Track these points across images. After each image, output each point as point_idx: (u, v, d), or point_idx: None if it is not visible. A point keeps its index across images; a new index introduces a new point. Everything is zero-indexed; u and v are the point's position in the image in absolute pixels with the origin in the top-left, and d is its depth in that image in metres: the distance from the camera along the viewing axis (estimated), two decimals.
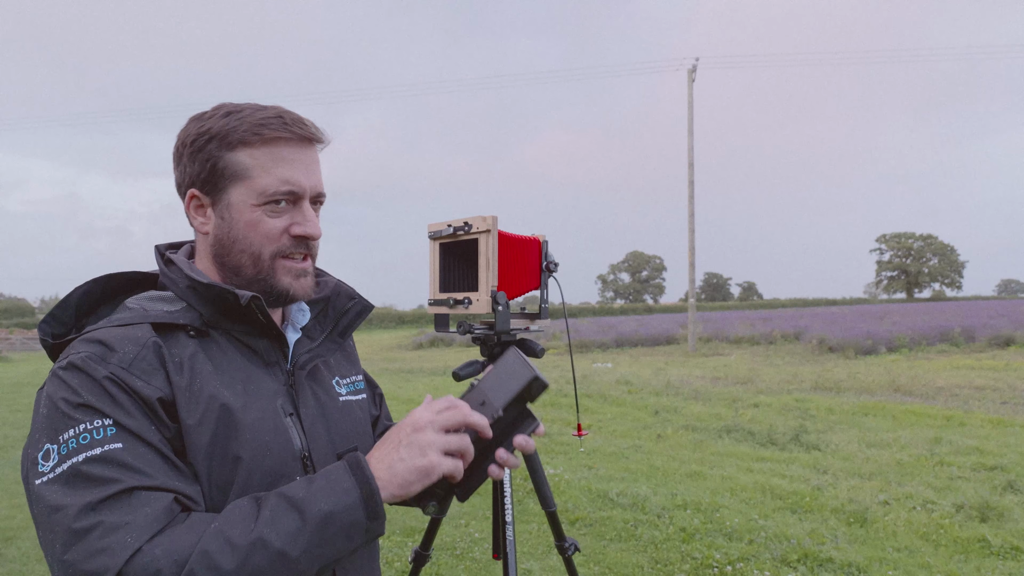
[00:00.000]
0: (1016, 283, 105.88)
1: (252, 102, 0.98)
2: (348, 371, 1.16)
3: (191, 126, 0.96)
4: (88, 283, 0.99)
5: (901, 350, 16.22)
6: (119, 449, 0.80)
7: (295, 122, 0.94)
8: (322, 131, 0.98)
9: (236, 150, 0.93)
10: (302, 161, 0.95)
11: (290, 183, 0.94)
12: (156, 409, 0.85)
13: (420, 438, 0.87)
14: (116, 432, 0.81)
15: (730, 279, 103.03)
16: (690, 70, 20.75)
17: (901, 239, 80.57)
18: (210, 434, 0.88)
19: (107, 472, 0.78)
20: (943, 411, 7.98)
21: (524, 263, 1.88)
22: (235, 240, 0.95)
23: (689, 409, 8.68)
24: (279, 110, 0.96)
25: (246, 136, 0.92)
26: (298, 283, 0.99)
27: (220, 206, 0.95)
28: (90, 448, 0.79)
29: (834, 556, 3.70)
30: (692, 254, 20.73)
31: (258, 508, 0.81)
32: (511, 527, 1.81)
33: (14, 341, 31.77)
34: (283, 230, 0.95)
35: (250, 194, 0.93)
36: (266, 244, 0.95)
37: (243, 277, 0.97)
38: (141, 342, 0.88)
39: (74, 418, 0.81)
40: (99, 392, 0.82)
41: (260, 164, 0.93)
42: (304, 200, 0.96)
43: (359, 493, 0.82)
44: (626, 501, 4.78)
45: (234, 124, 0.93)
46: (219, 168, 0.94)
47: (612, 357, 17.93)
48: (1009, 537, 3.93)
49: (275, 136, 0.93)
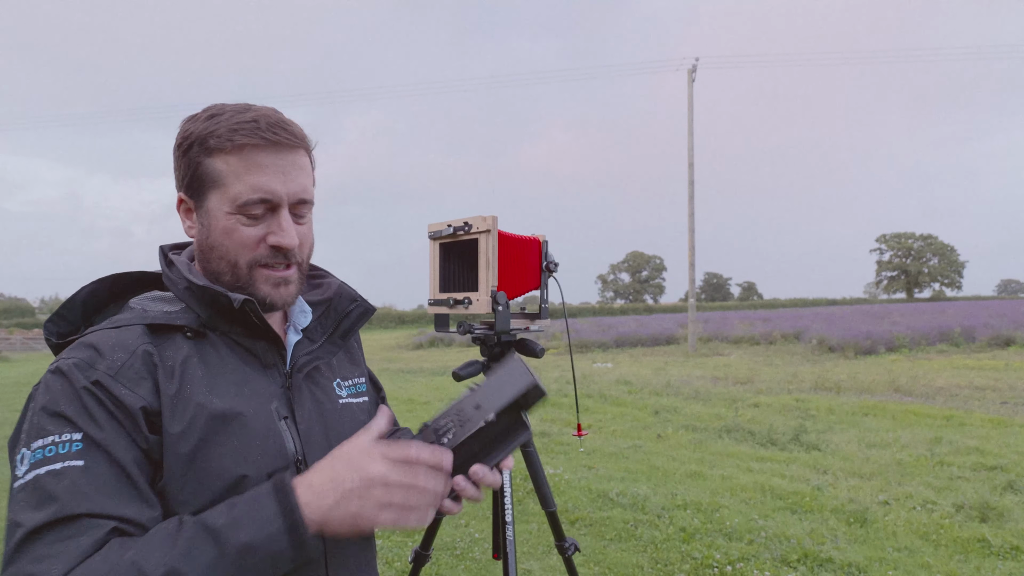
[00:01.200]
0: (1016, 283, 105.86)
1: (243, 103, 0.96)
2: (351, 373, 1.15)
3: (182, 127, 0.95)
4: (95, 282, 0.99)
5: (901, 350, 16.22)
6: (78, 468, 0.80)
7: (271, 127, 0.91)
8: (303, 135, 0.96)
9: (213, 155, 0.91)
10: (279, 167, 0.92)
11: (263, 191, 0.91)
12: (137, 419, 0.85)
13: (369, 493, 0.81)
14: (81, 448, 0.81)
15: (730, 279, 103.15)
16: (690, 70, 20.74)
17: (901, 239, 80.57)
18: (194, 442, 0.87)
19: (60, 491, 0.78)
20: (943, 411, 7.98)
21: (524, 263, 1.88)
22: (213, 247, 0.94)
23: (689, 409, 8.68)
24: (259, 113, 0.93)
25: (220, 142, 0.90)
26: (277, 292, 0.96)
27: (201, 211, 0.95)
28: (52, 462, 0.80)
29: (834, 556, 3.70)
30: (692, 254, 20.73)
31: (178, 535, 0.78)
32: (511, 527, 1.81)
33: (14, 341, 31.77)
34: (259, 239, 0.93)
35: (224, 201, 0.92)
36: (242, 252, 0.93)
37: (224, 284, 0.96)
38: (131, 349, 0.88)
39: (46, 429, 0.81)
40: (76, 403, 0.83)
41: (233, 171, 0.91)
42: (282, 208, 0.93)
43: (282, 523, 0.78)
44: (626, 501, 4.78)
45: (212, 128, 0.91)
46: (199, 173, 0.93)
47: (612, 357, 17.93)
48: (1009, 537, 3.93)
49: (247, 142, 0.90)
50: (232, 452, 0.89)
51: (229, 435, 0.90)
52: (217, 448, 0.89)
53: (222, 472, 0.88)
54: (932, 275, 79.01)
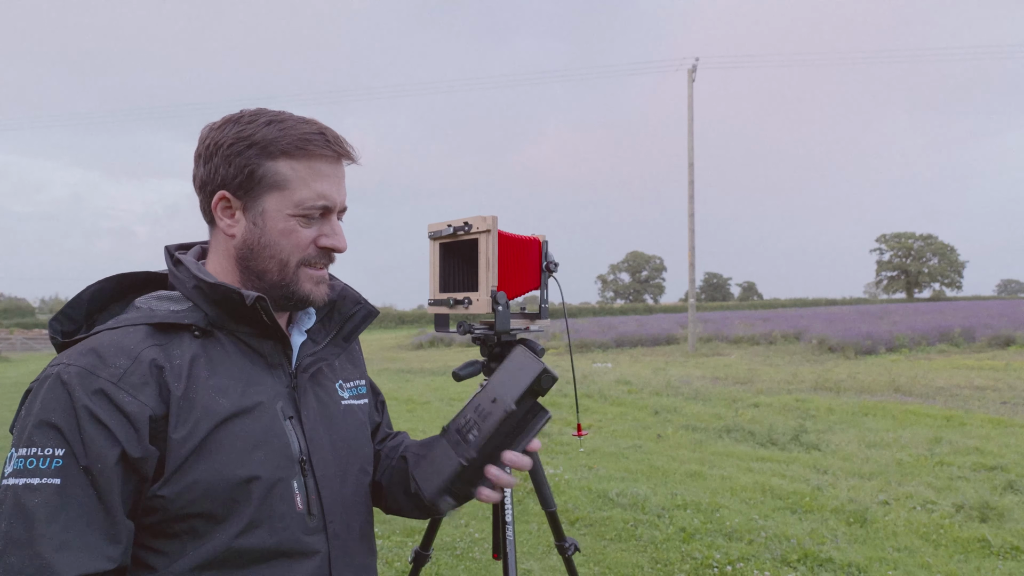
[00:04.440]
0: (1016, 283, 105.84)
1: (285, 111, 1.00)
2: (351, 375, 1.17)
3: (228, 128, 0.96)
4: (100, 282, 1.01)
5: (901, 350, 16.22)
6: (54, 487, 0.81)
7: (335, 140, 0.98)
8: (356, 150, 1.03)
9: (277, 160, 0.95)
10: (336, 176, 0.99)
11: (325, 197, 0.98)
12: (139, 427, 0.86)
13: None
14: (61, 466, 0.82)
15: (730, 279, 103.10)
16: (690, 70, 20.75)
17: (901, 239, 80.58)
18: (200, 443, 0.88)
19: (32, 508, 0.80)
20: (943, 411, 7.98)
21: (524, 263, 1.88)
22: (265, 246, 0.97)
23: (689, 409, 8.68)
24: (320, 126, 0.99)
25: (289, 148, 0.95)
26: (317, 289, 1.02)
27: (253, 211, 0.97)
28: (31, 476, 0.82)
29: (834, 556, 3.70)
30: (692, 254, 20.73)
31: None
32: (511, 527, 1.81)
33: (14, 341, 31.78)
34: (312, 240, 0.99)
35: (286, 204, 0.96)
36: (295, 252, 0.98)
37: (266, 281, 0.99)
38: (134, 354, 0.89)
39: (33, 440, 0.83)
40: (70, 417, 0.84)
41: (300, 176, 0.96)
42: (333, 213, 1.00)
43: None
44: (626, 501, 4.78)
45: (277, 134, 0.95)
46: (257, 175, 0.95)
47: (612, 357, 17.93)
48: (1009, 537, 3.93)
49: (318, 152, 0.96)
50: (238, 452, 0.90)
51: (235, 435, 0.91)
52: (223, 448, 0.89)
53: (228, 472, 0.89)
54: (932, 275, 79.01)
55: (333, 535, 0.99)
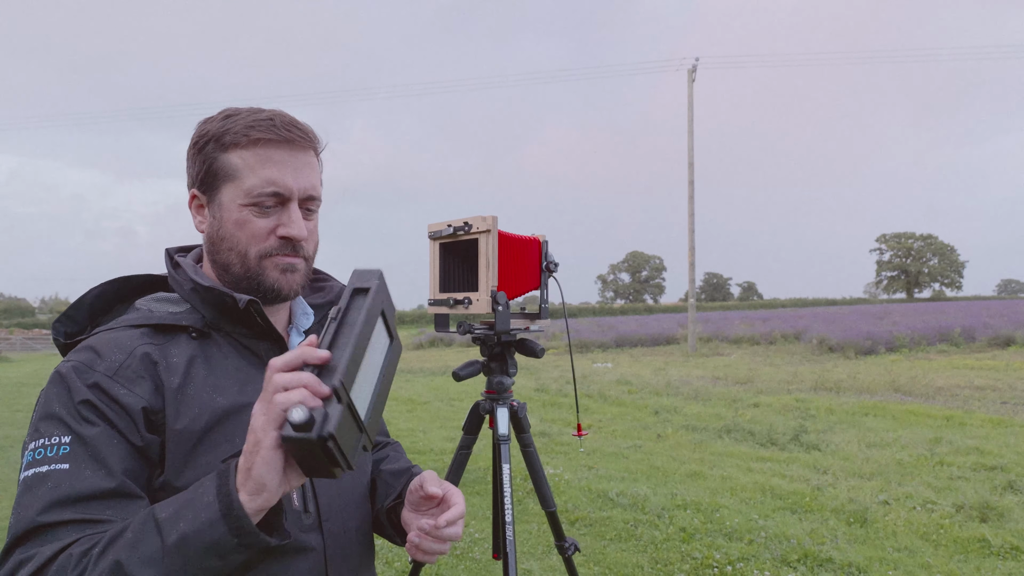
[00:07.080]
0: (1016, 283, 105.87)
1: (256, 106, 1.00)
2: None
3: (198, 128, 0.99)
4: (103, 284, 1.03)
5: (901, 350, 16.22)
6: (63, 471, 0.82)
7: (285, 125, 0.96)
8: (314, 136, 1.00)
9: (229, 151, 0.96)
10: (291, 164, 0.96)
11: (275, 184, 0.95)
12: (135, 419, 0.87)
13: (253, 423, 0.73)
14: (68, 452, 0.83)
15: (730, 279, 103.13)
16: (690, 70, 20.75)
17: (901, 239, 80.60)
18: (197, 438, 0.89)
19: (44, 493, 0.81)
20: (943, 411, 7.98)
21: (524, 263, 1.88)
22: (223, 238, 0.98)
23: (689, 409, 8.68)
24: (274, 113, 0.98)
25: (237, 138, 0.95)
26: (284, 278, 0.98)
27: (213, 205, 0.98)
28: (40, 464, 0.83)
29: (834, 556, 3.70)
30: (692, 254, 20.73)
31: (131, 526, 0.77)
32: (511, 527, 1.81)
33: (14, 341, 31.80)
34: (270, 231, 0.97)
35: (238, 194, 0.95)
36: (252, 243, 0.97)
37: (232, 275, 0.99)
38: (128, 349, 0.91)
39: (40, 431, 0.85)
40: (70, 406, 0.85)
41: (248, 165, 0.95)
42: (292, 202, 0.97)
43: (218, 508, 0.73)
44: (626, 501, 4.78)
45: (229, 126, 0.96)
46: (214, 168, 0.97)
47: (612, 357, 17.93)
48: (1009, 537, 3.93)
49: (263, 138, 0.95)
50: (236, 447, 0.90)
51: (231, 432, 0.91)
52: (219, 445, 0.90)
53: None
54: (932, 275, 79.04)
55: (329, 533, 0.99)
